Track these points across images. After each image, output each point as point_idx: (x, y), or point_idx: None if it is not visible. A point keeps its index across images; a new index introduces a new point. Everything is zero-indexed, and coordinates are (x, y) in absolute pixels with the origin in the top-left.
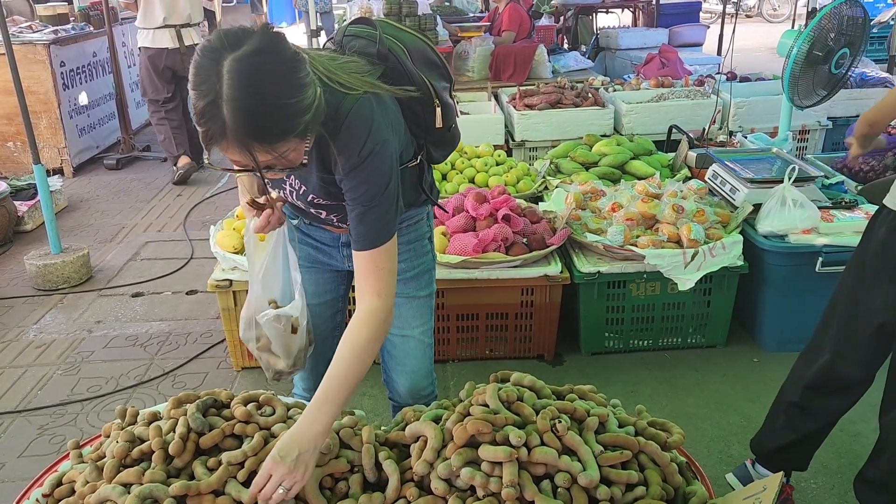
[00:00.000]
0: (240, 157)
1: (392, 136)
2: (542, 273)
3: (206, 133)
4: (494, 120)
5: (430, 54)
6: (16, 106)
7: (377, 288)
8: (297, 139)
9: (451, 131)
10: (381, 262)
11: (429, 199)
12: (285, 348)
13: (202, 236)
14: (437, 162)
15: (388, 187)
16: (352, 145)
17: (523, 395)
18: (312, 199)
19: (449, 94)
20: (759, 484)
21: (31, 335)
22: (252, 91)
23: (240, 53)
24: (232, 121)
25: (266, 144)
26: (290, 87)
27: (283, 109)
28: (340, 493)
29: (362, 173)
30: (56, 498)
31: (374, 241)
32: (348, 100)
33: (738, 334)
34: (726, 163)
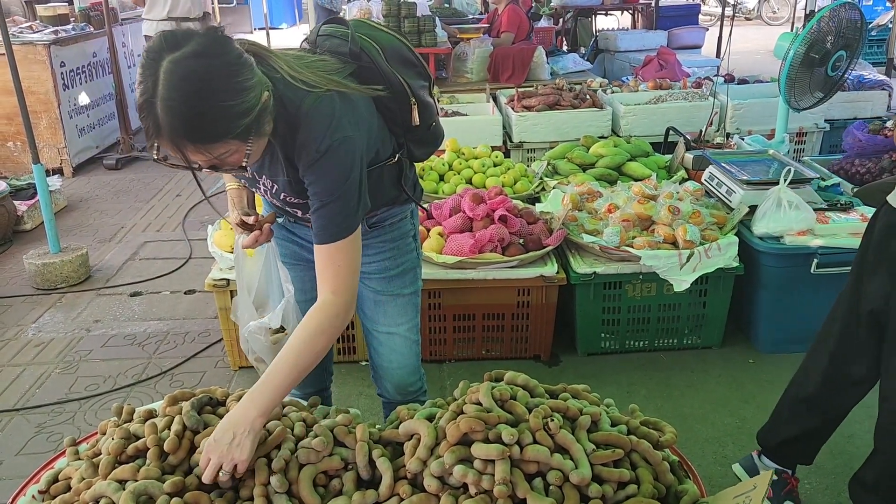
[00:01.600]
0: (174, 155)
1: (356, 134)
2: (539, 274)
3: (146, 130)
4: (492, 121)
5: (407, 53)
6: (16, 106)
7: (333, 285)
8: (236, 141)
9: (432, 129)
10: (339, 258)
11: (410, 198)
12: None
13: (200, 236)
14: (418, 160)
15: (348, 183)
16: (310, 142)
17: (516, 394)
18: (285, 198)
19: (428, 92)
20: (749, 482)
21: (30, 334)
22: (185, 93)
23: (178, 55)
24: (164, 120)
25: (199, 145)
26: (227, 90)
27: (217, 113)
28: (334, 490)
29: (321, 169)
30: (52, 494)
31: (332, 236)
32: (310, 98)
33: (734, 335)
34: (723, 164)
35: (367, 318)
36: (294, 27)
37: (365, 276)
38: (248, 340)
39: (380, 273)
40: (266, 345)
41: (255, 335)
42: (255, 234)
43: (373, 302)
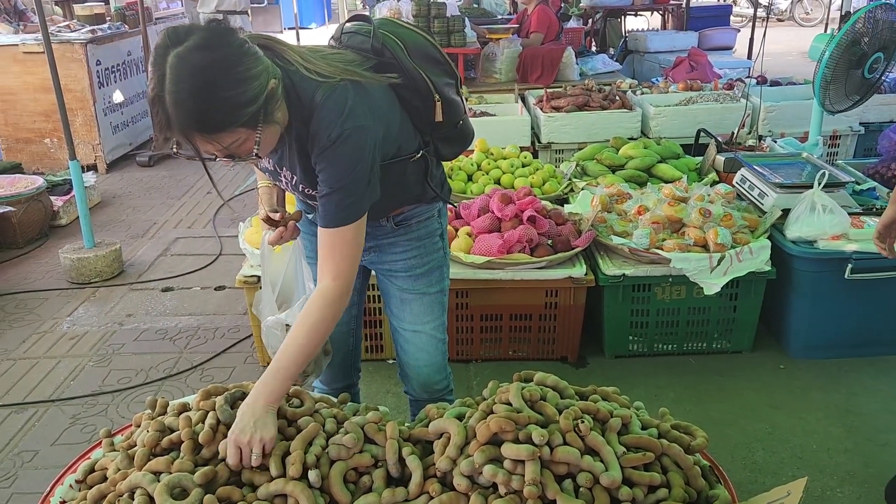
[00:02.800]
0: (186, 147)
1: (370, 123)
2: (567, 275)
3: (156, 124)
4: (521, 122)
5: (432, 51)
6: (53, 103)
7: (333, 271)
8: (245, 130)
9: (460, 128)
10: (341, 244)
11: (438, 195)
12: None
13: (230, 233)
14: (446, 159)
15: (357, 171)
16: (322, 130)
17: (546, 395)
18: (303, 189)
19: (455, 91)
20: (783, 489)
21: (65, 327)
22: (190, 85)
23: (181, 49)
24: (172, 113)
25: (207, 135)
26: (230, 80)
27: (222, 102)
28: (364, 487)
29: (331, 156)
30: (89, 484)
31: (336, 221)
32: (324, 87)
33: (765, 340)
34: (755, 167)
35: (393, 315)
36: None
37: (391, 273)
38: (267, 335)
39: (406, 271)
40: (281, 340)
41: (272, 330)
42: (280, 230)
43: (399, 300)
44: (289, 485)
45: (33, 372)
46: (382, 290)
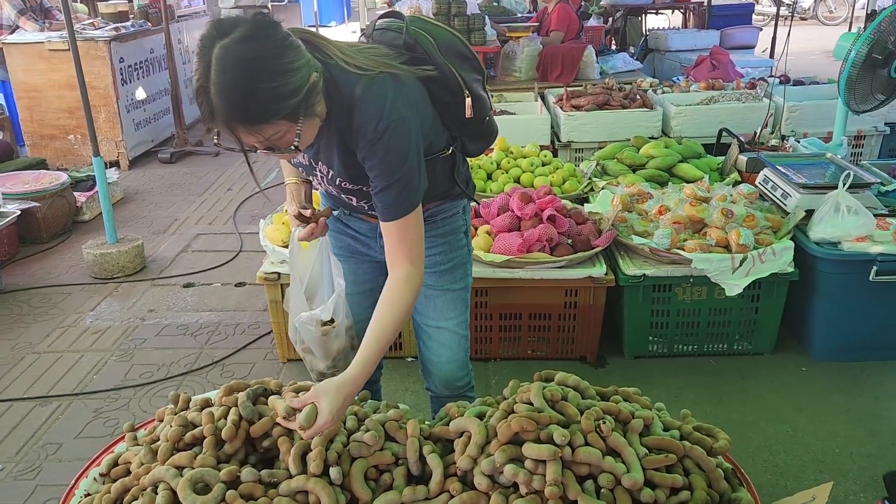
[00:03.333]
0: (229, 138)
1: (410, 114)
2: (587, 274)
3: (202, 114)
4: (541, 120)
5: (461, 47)
6: (77, 100)
7: (409, 256)
8: (286, 122)
9: (486, 124)
10: (408, 232)
11: (464, 192)
12: (324, 350)
13: (251, 230)
14: (472, 155)
15: (408, 161)
16: (367, 123)
17: (567, 395)
18: (340, 183)
19: (482, 87)
20: (808, 493)
21: (88, 321)
22: (234, 76)
23: (227, 41)
24: (217, 104)
25: (249, 126)
26: (273, 72)
27: (265, 94)
28: (385, 484)
29: (381, 149)
30: (112, 477)
31: (398, 213)
32: (363, 80)
33: (787, 342)
34: (778, 167)
35: (417, 311)
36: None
37: None
38: (299, 331)
39: (431, 267)
40: (316, 336)
41: (305, 326)
42: (311, 226)
43: (423, 296)
44: (310, 482)
45: (57, 366)
46: None
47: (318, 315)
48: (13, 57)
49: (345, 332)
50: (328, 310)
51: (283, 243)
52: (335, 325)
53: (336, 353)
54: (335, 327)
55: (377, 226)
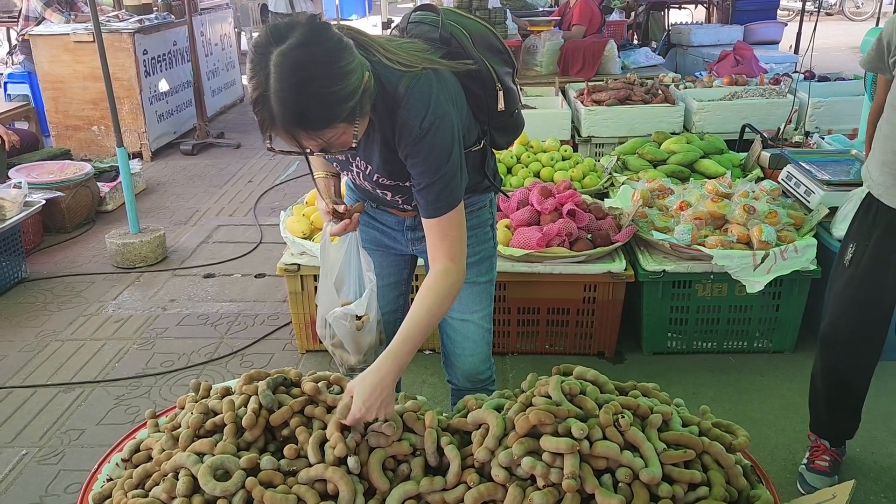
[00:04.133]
0: (288, 143)
1: (452, 110)
2: (606, 270)
3: (260, 122)
4: (561, 115)
5: (493, 40)
6: (101, 91)
7: (450, 252)
8: (343, 124)
9: (515, 117)
10: (450, 229)
11: (492, 185)
12: (355, 345)
13: (270, 222)
14: (500, 148)
15: (451, 158)
16: (412, 120)
17: (586, 389)
18: (377, 179)
19: (512, 79)
20: (828, 491)
21: (111, 310)
22: (294, 83)
23: (284, 47)
24: (278, 112)
25: (311, 132)
26: (331, 76)
27: (325, 99)
28: (402, 475)
29: (425, 147)
30: (134, 463)
31: (441, 210)
32: (407, 77)
33: (808, 341)
34: (802, 164)
35: None
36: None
37: None
38: (332, 325)
39: None
40: (350, 330)
41: (339, 321)
42: (345, 222)
43: None
44: (328, 470)
45: (80, 353)
46: None
47: (353, 310)
48: (39, 48)
49: (375, 327)
50: (362, 304)
51: (304, 235)
52: (367, 320)
53: (367, 347)
54: (367, 322)
55: (404, 220)
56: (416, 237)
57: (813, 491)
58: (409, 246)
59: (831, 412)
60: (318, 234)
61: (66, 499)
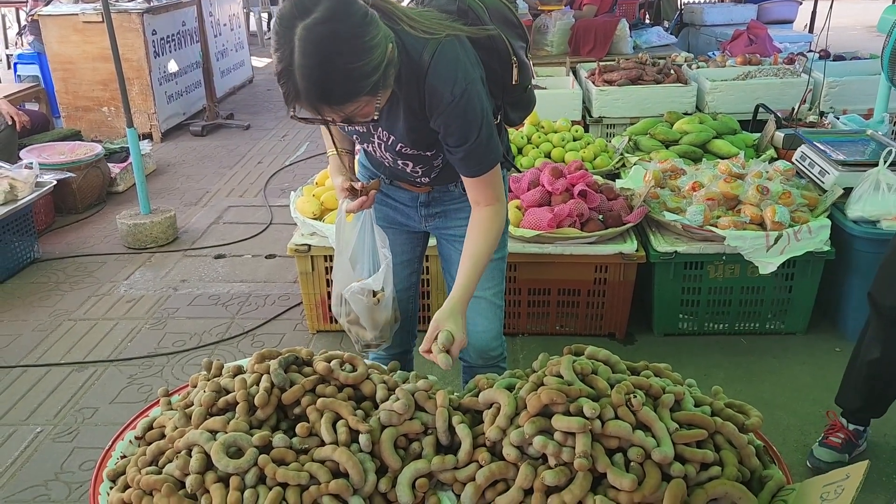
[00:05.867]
0: (312, 116)
1: (477, 73)
2: (618, 251)
3: (285, 94)
4: (572, 95)
5: (508, 14)
6: (111, 72)
7: (492, 195)
8: (367, 97)
9: (528, 92)
10: (490, 182)
11: (506, 160)
12: (371, 321)
13: (280, 203)
14: (513, 124)
15: (484, 122)
16: (441, 87)
17: (598, 369)
18: (400, 149)
19: (525, 54)
20: (842, 472)
21: (122, 290)
22: (319, 59)
23: (309, 21)
24: (303, 87)
25: (335, 106)
26: (356, 52)
27: (349, 74)
28: (414, 453)
29: (458, 113)
30: (147, 440)
31: (480, 171)
32: (431, 43)
33: (820, 322)
34: (816, 144)
35: (454, 280)
36: None
37: (455, 238)
38: (348, 301)
39: None
40: (367, 306)
41: (357, 296)
42: (361, 199)
43: None
44: (336, 452)
45: (93, 332)
46: (444, 255)
47: (370, 285)
48: (48, 28)
49: (390, 303)
50: (379, 280)
51: (314, 215)
52: (383, 296)
53: (383, 323)
54: (383, 298)
55: (418, 195)
56: (429, 213)
57: (819, 465)
58: (422, 223)
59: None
60: (329, 214)
61: (81, 475)
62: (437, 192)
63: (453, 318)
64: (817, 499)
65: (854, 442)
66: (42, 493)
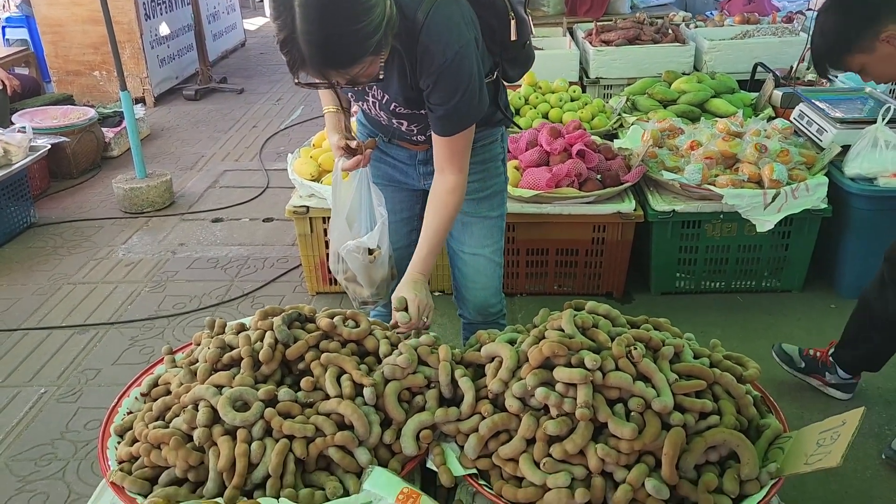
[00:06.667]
0: (319, 81)
1: (472, 35)
2: (616, 210)
3: (290, 62)
4: (569, 56)
5: None
6: (102, 35)
7: (457, 165)
8: (371, 57)
9: (526, 48)
10: (459, 146)
11: (505, 117)
12: (368, 278)
13: (277, 167)
14: (511, 81)
15: (471, 83)
16: (434, 48)
17: (598, 323)
18: (394, 109)
19: (524, 9)
20: (837, 418)
21: (120, 254)
22: (322, 23)
23: None
24: (307, 53)
25: (341, 69)
26: (357, 12)
27: (352, 37)
28: (417, 406)
29: (447, 74)
30: (153, 397)
31: (454, 131)
32: (426, 2)
33: (816, 280)
34: (814, 102)
35: (453, 239)
36: None
37: None
38: (344, 259)
39: (469, 194)
40: (363, 263)
41: (353, 254)
42: (357, 158)
43: (460, 223)
44: (341, 405)
45: (92, 296)
46: None
47: (365, 243)
48: None
49: (387, 260)
50: (374, 237)
51: (312, 177)
52: (379, 254)
53: (380, 280)
54: (379, 255)
55: (416, 153)
56: (427, 171)
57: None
58: (420, 181)
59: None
60: (326, 176)
61: (86, 434)
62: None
63: (409, 287)
64: (814, 444)
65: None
66: (48, 451)
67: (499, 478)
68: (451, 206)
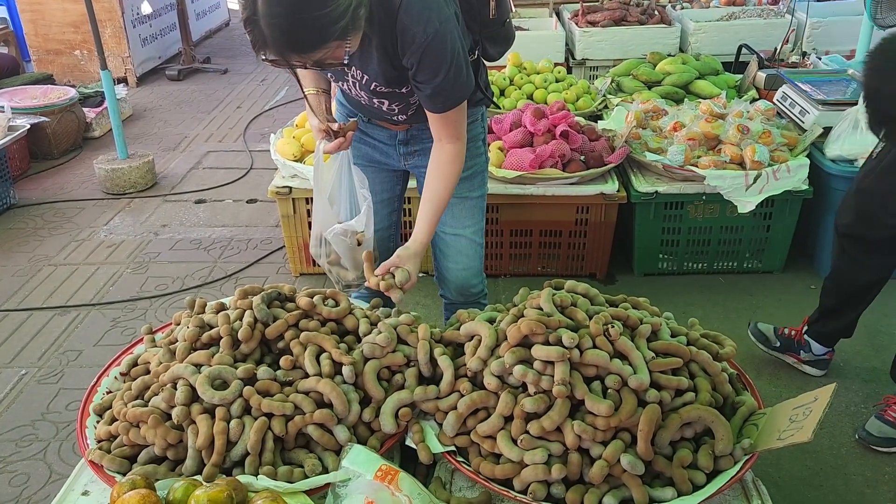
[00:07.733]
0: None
1: (451, 10)
2: (599, 191)
3: (252, 42)
4: (555, 37)
5: None
6: (82, 13)
7: (453, 134)
8: (336, 42)
9: (506, 26)
10: (453, 119)
11: (485, 97)
12: (353, 261)
13: (260, 148)
14: (492, 59)
15: (456, 59)
16: (414, 27)
17: (577, 301)
18: (375, 88)
19: None
20: (810, 395)
21: (102, 235)
22: (283, 8)
23: None
24: (269, 35)
25: (303, 54)
26: None
27: (315, 22)
28: (397, 384)
29: (430, 53)
30: (133, 376)
31: (446, 107)
32: None
33: (797, 261)
34: (798, 84)
35: None
36: None
37: None
38: (329, 242)
39: None
40: (350, 246)
41: (339, 237)
42: (339, 140)
43: None
44: (320, 383)
45: (74, 277)
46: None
47: (353, 226)
48: None
49: (371, 243)
50: (361, 221)
51: (294, 157)
52: (364, 237)
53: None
54: (364, 238)
55: (397, 133)
56: (408, 151)
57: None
58: (401, 161)
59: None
60: (309, 156)
61: (67, 415)
62: (415, 129)
63: (414, 260)
64: (787, 420)
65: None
66: (29, 432)
67: (477, 455)
68: (452, 176)
